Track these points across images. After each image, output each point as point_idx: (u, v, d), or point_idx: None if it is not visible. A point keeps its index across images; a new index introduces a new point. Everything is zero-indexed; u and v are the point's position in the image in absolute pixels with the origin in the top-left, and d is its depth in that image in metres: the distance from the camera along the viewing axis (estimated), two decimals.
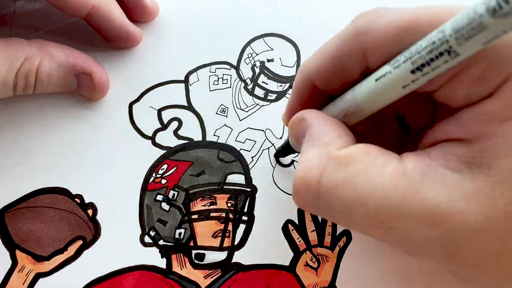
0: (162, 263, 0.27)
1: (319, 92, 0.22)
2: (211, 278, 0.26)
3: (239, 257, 0.27)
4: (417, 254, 0.18)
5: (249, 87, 0.30)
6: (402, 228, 0.16)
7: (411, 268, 0.27)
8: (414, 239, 0.17)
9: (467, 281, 0.20)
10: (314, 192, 0.18)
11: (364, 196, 0.17)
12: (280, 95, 0.30)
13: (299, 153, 0.24)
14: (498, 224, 0.16)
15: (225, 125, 0.29)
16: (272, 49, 0.31)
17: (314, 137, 0.19)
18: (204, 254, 0.27)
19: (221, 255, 0.27)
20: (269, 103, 0.30)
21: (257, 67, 0.30)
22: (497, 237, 0.16)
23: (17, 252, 0.26)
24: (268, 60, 0.30)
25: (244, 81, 0.30)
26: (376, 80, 0.18)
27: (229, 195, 0.28)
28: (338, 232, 0.27)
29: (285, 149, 0.26)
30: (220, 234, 0.27)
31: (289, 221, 0.27)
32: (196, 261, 0.27)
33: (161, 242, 0.27)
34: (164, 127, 0.29)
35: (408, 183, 0.16)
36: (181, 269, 0.26)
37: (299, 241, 0.27)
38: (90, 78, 0.27)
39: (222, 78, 0.30)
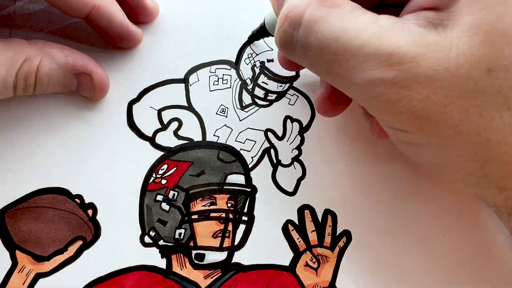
0: (162, 263, 0.27)
1: None
2: (211, 278, 0.26)
3: (239, 257, 0.27)
4: (371, 98, 0.19)
5: (249, 87, 0.30)
6: (363, 66, 0.18)
7: (411, 268, 0.27)
8: (371, 79, 0.18)
9: (405, 143, 0.21)
10: (296, 27, 0.20)
11: (337, 34, 0.18)
12: (280, 95, 0.30)
13: (273, 35, 0.26)
14: (450, 74, 0.17)
15: (225, 125, 0.29)
16: (272, 49, 0.31)
17: None
18: (204, 254, 0.27)
19: (221, 255, 0.27)
20: (269, 103, 0.30)
21: (257, 67, 0.30)
22: (447, 86, 0.17)
23: (17, 252, 0.26)
24: (268, 60, 0.30)
25: (244, 81, 0.30)
26: None
27: (229, 195, 0.28)
28: (338, 232, 0.27)
29: (260, 32, 0.28)
30: (220, 234, 0.27)
31: (289, 221, 0.27)
32: (196, 261, 0.27)
33: (161, 242, 0.27)
34: (164, 127, 0.29)
35: (377, 29, 0.18)
36: (181, 269, 0.26)
37: (299, 241, 0.27)
38: (90, 79, 0.27)
39: (222, 78, 0.30)
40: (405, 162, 0.29)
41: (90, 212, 0.27)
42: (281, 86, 0.30)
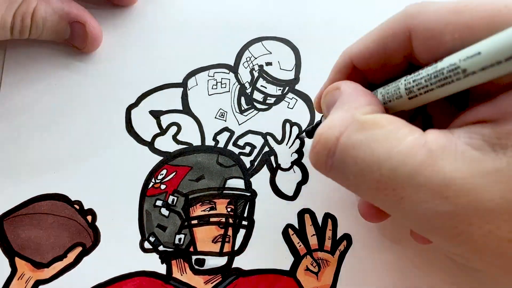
0: (162, 269, 0.26)
1: (358, 75, 0.22)
2: (212, 283, 0.26)
3: (239, 262, 0.27)
4: (424, 230, 0.17)
5: (248, 91, 0.30)
6: (413, 198, 0.16)
7: (411, 271, 0.27)
8: (424, 211, 0.16)
9: (469, 265, 0.19)
10: (331, 150, 0.18)
11: (380, 160, 0.16)
12: (279, 99, 0.30)
13: None
14: None
15: (224, 129, 0.29)
16: (271, 53, 0.30)
17: (344, 102, 0.19)
18: (204, 260, 0.27)
19: (221, 261, 0.27)
20: (268, 107, 0.30)
21: (255, 71, 0.30)
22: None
23: (17, 259, 0.26)
24: (267, 64, 0.30)
25: (243, 85, 0.30)
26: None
27: (228, 200, 0.28)
28: (339, 236, 0.27)
29: (314, 130, 0.26)
30: (220, 239, 0.27)
31: (289, 226, 0.27)
32: (196, 267, 0.27)
33: (161, 248, 0.27)
34: (163, 132, 0.29)
35: (426, 154, 0.16)
36: (181, 275, 0.26)
37: (300, 246, 0.27)
38: (83, 28, 0.28)
39: (221, 82, 0.30)
40: None
41: (89, 218, 0.27)
42: (280, 89, 0.30)
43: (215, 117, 0.29)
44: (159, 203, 0.27)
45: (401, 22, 0.19)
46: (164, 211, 0.27)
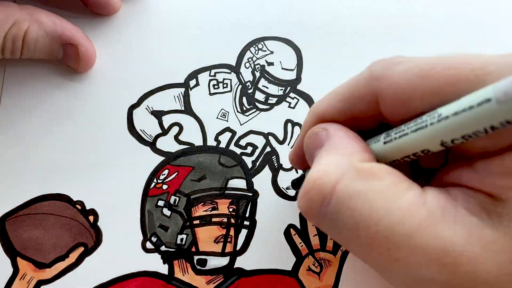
0: (164, 269, 0.26)
1: None
2: (214, 283, 0.26)
3: (241, 262, 0.27)
4: None
5: (250, 91, 0.30)
6: (409, 261, 0.15)
7: None
8: (419, 277, 0.15)
9: None
10: (326, 198, 0.16)
11: (378, 215, 0.15)
12: (281, 99, 0.30)
13: None
14: None
15: (226, 129, 0.29)
16: (272, 53, 0.30)
17: (336, 146, 0.18)
18: (206, 260, 0.27)
19: (223, 261, 0.27)
20: (269, 107, 0.30)
21: (257, 71, 0.30)
22: None
23: (18, 259, 0.26)
24: (268, 64, 0.30)
25: (244, 85, 0.30)
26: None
27: (230, 200, 0.28)
28: None
29: (301, 182, 0.24)
30: (222, 240, 0.27)
31: (291, 226, 0.27)
32: (198, 267, 0.27)
33: (162, 248, 0.27)
34: (164, 132, 0.29)
35: (426, 215, 0.15)
36: (183, 275, 0.26)
37: (301, 246, 0.27)
38: (76, 50, 0.28)
39: (222, 82, 0.30)
40: None
41: (91, 218, 0.27)
42: (282, 89, 0.30)
43: (217, 117, 0.29)
44: (161, 203, 0.27)
45: (367, 85, 0.18)
46: (166, 211, 0.27)
